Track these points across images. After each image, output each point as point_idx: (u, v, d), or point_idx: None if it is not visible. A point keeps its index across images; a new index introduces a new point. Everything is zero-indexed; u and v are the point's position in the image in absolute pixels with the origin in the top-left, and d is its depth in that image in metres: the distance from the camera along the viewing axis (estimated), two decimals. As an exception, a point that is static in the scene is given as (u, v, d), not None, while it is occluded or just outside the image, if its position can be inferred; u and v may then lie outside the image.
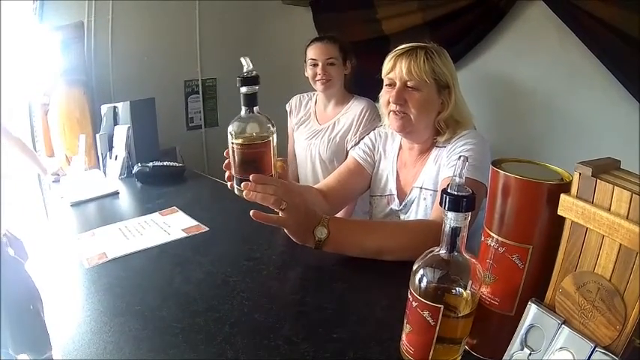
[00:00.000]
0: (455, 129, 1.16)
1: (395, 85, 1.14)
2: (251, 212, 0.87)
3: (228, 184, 0.91)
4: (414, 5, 2.01)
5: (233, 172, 0.87)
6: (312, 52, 1.83)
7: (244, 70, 0.82)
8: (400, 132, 1.20)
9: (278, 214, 0.91)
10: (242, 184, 0.85)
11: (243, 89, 0.81)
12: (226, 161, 0.90)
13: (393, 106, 1.14)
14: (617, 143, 1.52)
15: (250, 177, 0.84)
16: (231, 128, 0.84)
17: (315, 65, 1.82)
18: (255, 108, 0.83)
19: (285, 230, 0.93)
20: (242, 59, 0.83)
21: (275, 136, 0.86)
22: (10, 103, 1.99)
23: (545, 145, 1.78)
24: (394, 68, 1.14)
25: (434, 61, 1.12)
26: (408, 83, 1.12)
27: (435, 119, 1.17)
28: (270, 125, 0.85)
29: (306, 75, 1.89)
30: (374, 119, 1.79)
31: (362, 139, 1.51)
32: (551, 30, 1.65)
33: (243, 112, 0.83)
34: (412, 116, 1.13)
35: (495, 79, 1.90)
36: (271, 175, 0.88)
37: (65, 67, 2.14)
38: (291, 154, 2.09)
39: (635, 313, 0.48)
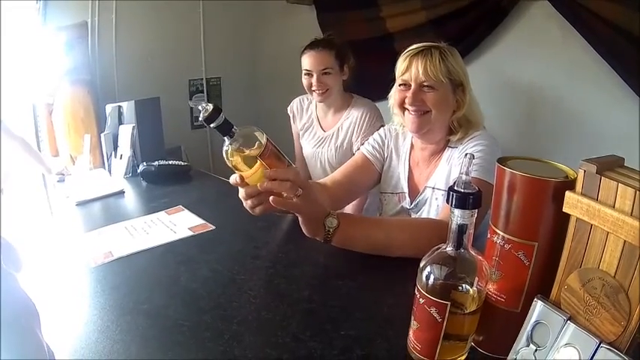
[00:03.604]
0: (467, 128, 1.16)
1: (410, 86, 1.13)
2: (270, 198, 0.85)
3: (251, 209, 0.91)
4: (417, 4, 2.01)
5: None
6: (305, 63, 1.77)
7: (200, 110, 0.81)
8: (417, 132, 1.18)
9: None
10: (266, 174, 0.84)
11: (213, 125, 0.80)
12: (246, 195, 0.89)
13: (410, 108, 1.14)
14: (621, 140, 1.52)
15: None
16: (231, 159, 0.84)
17: (310, 76, 1.76)
18: (233, 129, 0.82)
19: (300, 219, 0.92)
20: (191, 104, 0.83)
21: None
22: (14, 103, 2.00)
23: (550, 142, 1.78)
24: (409, 68, 1.13)
25: (448, 60, 1.11)
26: (425, 83, 1.11)
27: (449, 118, 1.16)
28: (253, 129, 0.85)
29: (303, 83, 1.83)
30: (375, 121, 1.77)
31: (365, 140, 1.50)
32: (554, 28, 1.65)
33: (227, 141, 0.83)
34: (431, 115, 1.13)
35: (498, 78, 1.90)
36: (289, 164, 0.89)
37: (69, 66, 2.15)
38: (300, 157, 2.07)
39: (639, 309, 0.48)
